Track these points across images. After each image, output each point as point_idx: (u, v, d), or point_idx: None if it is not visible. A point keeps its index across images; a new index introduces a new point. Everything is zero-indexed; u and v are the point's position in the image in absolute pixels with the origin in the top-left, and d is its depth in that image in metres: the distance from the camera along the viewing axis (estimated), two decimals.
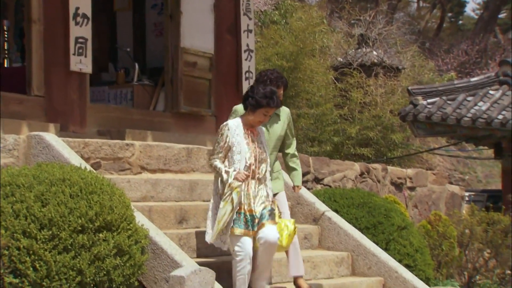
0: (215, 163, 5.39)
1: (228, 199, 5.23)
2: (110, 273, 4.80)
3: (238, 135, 5.32)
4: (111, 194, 5.07)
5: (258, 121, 5.39)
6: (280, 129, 5.85)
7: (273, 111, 5.39)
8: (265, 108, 5.30)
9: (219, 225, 5.25)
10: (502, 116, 12.66)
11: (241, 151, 5.30)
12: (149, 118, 8.18)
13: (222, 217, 5.24)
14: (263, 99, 5.28)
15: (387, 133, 15.18)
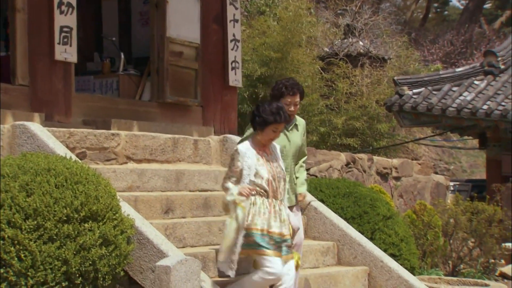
0: (226, 184, 5.28)
1: (234, 216, 5.13)
2: (96, 263, 4.79)
3: (249, 158, 5.22)
4: (97, 184, 5.05)
5: (269, 139, 5.31)
6: (299, 139, 5.84)
7: (281, 126, 5.30)
8: (274, 125, 5.23)
9: (226, 242, 5.15)
10: (487, 106, 12.74)
11: (256, 173, 5.20)
12: (135, 108, 8.15)
13: (228, 234, 5.14)
14: (271, 115, 5.20)
15: (373, 123, 15.22)
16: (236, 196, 5.12)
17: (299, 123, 5.87)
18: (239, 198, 5.12)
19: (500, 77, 13.55)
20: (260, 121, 5.22)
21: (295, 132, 5.81)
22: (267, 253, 5.13)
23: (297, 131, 5.82)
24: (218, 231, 6.26)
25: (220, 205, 5.30)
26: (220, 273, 5.50)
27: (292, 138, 5.76)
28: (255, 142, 5.32)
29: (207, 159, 7.49)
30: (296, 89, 5.69)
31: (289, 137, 5.74)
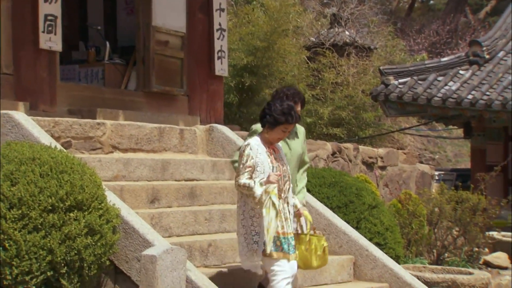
0: (241, 181, 5.08)
1: (269, 205, 4.99)
2: (81, 253, 4.79)
3: (260, 154, 5.12)
4: (82, 173, 5.04)
5: (277, 138, 5.23)
6: (300, 147, 5.71)
7: (292, 127, 5.22)
8: (284, 125, 5.13)
9: (269, 233, 4.98)
10: (472, 96, 12.80)
11: (264, 170, 5.09)
12: (121, 97, 8.12)
13: (269, 224, 4.98)
14: (282, 116, 5.10)
15: (359, 112, 15.25)
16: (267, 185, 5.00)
17: (299, 131, 5.77)
18: (270, 186, 4.99)
19: (485, 67, 13.62)
20: (271, 120, 5.11)
21: (295, 140, 5.70)
22: (274, 256, 5.05)
23: (298, 138, 5.71)
24: (204, 221, 6.28)
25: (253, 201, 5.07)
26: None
27: (293, 146, 5.65)
28: (263, 139, 5.22)
29: (193, 149, 7.49)
30: (297, 98, 5.60)
31: (290, 145, 5.63)
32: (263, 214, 4.99)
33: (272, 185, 5.00)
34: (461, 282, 6.58)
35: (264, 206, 4.99)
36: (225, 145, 7.58)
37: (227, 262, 5.99)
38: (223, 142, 7.59)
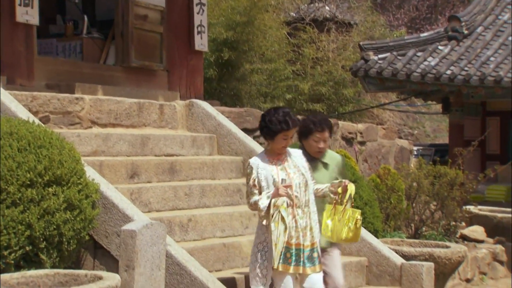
0: (252, 200, 4.92)
1: (278, 219, 4.78)
2: (60, 228, 4.77)
3: (263, 169, 4.93)
4: (61, 148, 5.00)
5: (281, 147, 5.00)
6: (327, 178, 5.31)
7: (292, 132, 4.97)
8: (283, 133, 4.93)
9: (278, 248, 4.77)
10: (451, 72, 12.87)
11: (269, 185, 4.89)
12: (99, 72, 8.04)
13: (278, 239, 4.77)
14: (277, 125, 4.92)
15: (338, 88, 15.28)
16: (275, 199, 4.80)
17: (330, 161, 5.43)
18: (279, 200, 4.79)
19: (464, 42, 13.68)
20: (268, 131, 4.96)
21: (322, 170, 5.37)
22: (280, 268, 4.82)
23: (326, 170, 5.39)
24: (184, 196, 6.28)
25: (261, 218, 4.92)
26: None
27: (317, 177, 5.25)
28: (268, 152, 5.06)
29: (173, 124, 7.46)
30: (324, 125, 5.33)
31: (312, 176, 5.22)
32: (272, 228, 4.78)
33: (281, 198, 4.80)
34: (438, 255, 6.66)
35: (272, 220, 4.78)
36: (205, 120, 7.57)
37: (207, 237, 6.02)
38: (203, 117, 7.58)
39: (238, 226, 6.25)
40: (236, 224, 6.24)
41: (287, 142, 5.00)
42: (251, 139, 7.51)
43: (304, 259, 4.87)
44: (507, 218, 9.30)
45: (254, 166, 4.95)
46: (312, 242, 4.92)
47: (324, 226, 5.11)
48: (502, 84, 12.35)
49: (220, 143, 7.42)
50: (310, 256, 4.89)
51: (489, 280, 8.44)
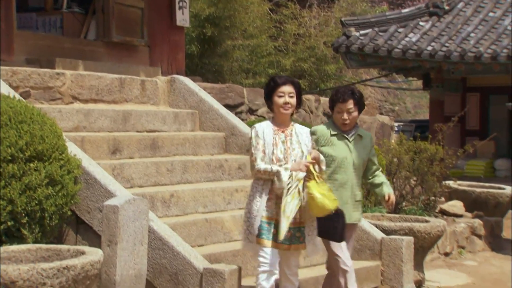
0: (261, 166, 4.75)
1: (295, 192, 4.68)
2: (42, 203, 4.78)
3: (267, 136, 4.81)
4: (42, 123, 4.99)
5: (280, 106, 4.81)
6: (364, 153, 5.28)
7: (286, 88, 4.80)
8: (277, 89, 4.80)
9: (289, 220, 4.67)
10: (431, 48, 12.94)
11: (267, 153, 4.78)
12: (80, 47, 7.99)
13: (291, 213, 4.67)
14: (270, 82, 4.89)
15: (320, 64, 15.32)
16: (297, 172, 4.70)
17: (364, 135, 5.35)
18: (300, 174, 4.69)
19: (444, 18, 13.73)
20: (266, 92, 4.90)
21: (359, 143, 5.27)
22: (265, 244, 4.76)
23: (362, 142, 5.29)
24: (166, 172, 6.29)
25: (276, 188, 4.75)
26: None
27: (354, 150, 5.23)
28: (273, 121, 4.93)
29: (154, 100, 7.45)
30: (346, 96, 5.18)
31: (350, 148, 5.23)
32: (287, 200, 4.65)
33: (302, 173, 4.71)
34: (417, 229, 6.75)
35: (289, 193, 4.67)
36: (187, 96, 7.56)
37: (189, 212, 6.05)
38: (185, 93, 7.57)
39: (220, 202, 6.29)
40: (218, 200, 6.28)
41: (284, 99, 4.79)
42: (233, 115, 7.53)
43: (288, 237, 4.76)
44: (485, 193, 9.42)
45: (260, 130, 4.82)
46: (300, 221, 4.80)
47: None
48: (482, 60, 12.45)
49: (202, 119, 7.43)
50: (293, 235, 4.79)
51: (467, 254, 8.56)
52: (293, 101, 4.83)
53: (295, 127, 4.94)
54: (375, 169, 5.40)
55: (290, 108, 4.83)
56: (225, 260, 5.52)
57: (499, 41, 12.66)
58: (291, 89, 4.82)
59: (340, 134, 5.24)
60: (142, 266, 4.71)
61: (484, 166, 14.71)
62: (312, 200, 4.72)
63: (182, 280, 5.07)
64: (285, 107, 4.82)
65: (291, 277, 4.92)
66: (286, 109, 4.82)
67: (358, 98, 5.22)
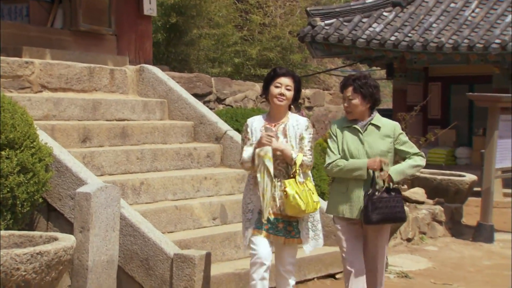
0: (241, 158, 4.71)
1: (263, 170, 4.55)
2: (14, 190, 4.84)
3: (255, 131, 4.68)
4: (13, 112, 5.04)
5: (274, 96, 4.64)
6: (381, 143, 4.78)
7: (285, 80, 4.64)
8: (275, 79, 4.65)
9: (266, 199, 4.57)
10: (395, 38, 13.17)
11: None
12: (47, 35, 7.96)
13: (265, 190, 4.55)
14: (271, 72, 4.75)
15: (286, 53, 15.47)
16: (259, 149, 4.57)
17: (383, 125, 4.84)
18: (262, 150, 4.55)
19: (407, 9, 13.95)
20: (265, 81, 4.73)
21: (375, 133, 4.81)
22: (255, 233, 4.64)
23: (380, 132, 4.81)
24: (136, 160, 6.37)
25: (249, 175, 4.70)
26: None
27: (369, 140, 4.78)
28: (268, 116, 4.79)
29: (123, 89, 7.49)
30: (347, 83, 4.86)
31: (362, 139, 4.79)
32: (258, 179, 4.57)
33: (265, 148, 4.56)
34: None
35: (257, 170, 4.57)
36: (155, 85, 7.62)
37: (159, 199, 6.14)
38: (154, 82, 7.63)
39: (190, 189, 6.39)
40: (188, 187, 6.38)
41: (279, 90, 4.63)
42: (201, 104, 7.62)
43: (279, 229, 4.64)
44: (446, 181, 9.64)
45: (249, 124, 4.74)
46: (288, 214, 4.62)
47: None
48: (443, 50, 12.72)
49: (171, 108, 7.51)
50: (285, 228, 4.65)
51: (428, 239, 8.76)
52: (289, 94, 4.66)
53: (290, 120, 4.73)
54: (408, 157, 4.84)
55: (284, 100, 4.65)
56: (194, 246, 5.63)
57: (460, 32, 12.94)
58: (290, 81, 4.66)
59: (352, 126, 4.83)
60: (114, 252, 4.81)
61: (445, 154, 15.01)
62: (285, 197, 4.56)
63: (153, 265, 5.17)
64: (279, 98, 4.64)
65: (285, 273, 4.73)
66: (280, 100, 4.64)
67: (361, 85, 4.78)
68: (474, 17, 13.17)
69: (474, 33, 12.73)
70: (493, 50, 12.27)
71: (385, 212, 4.71)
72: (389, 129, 4.84)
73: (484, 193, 8.89)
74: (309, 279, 6.21)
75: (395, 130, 4.85)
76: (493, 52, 12.33)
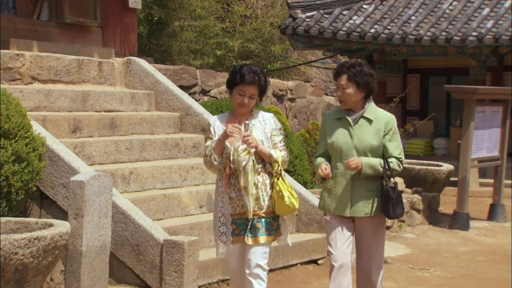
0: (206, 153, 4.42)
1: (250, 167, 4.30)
2: (9, 179, 5.01)
3: (219, 130, 4.41)
4: (7, 103, 5.19)
5: (237, 104, 4.38)
6: (371, 137, 4.48)
7: (250, 89, 4.32)
8: (239, 86, 4.34)
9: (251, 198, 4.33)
10: (374, 30, 13.35)
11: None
12: (34, 27, 8.06)
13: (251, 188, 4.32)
14: (234, 75, 4.39)
15: (267, 45, 15.59)
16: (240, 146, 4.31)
17: (376, 118, 4.52)
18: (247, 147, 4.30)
19: (387, 1, 14.11)
20: (228, 82, 4.45)
21: (367, 127, 4.50)
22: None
23: (373, 125, 4.50)
24: (125, 150, 6.54)
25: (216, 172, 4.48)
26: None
27: (359, 134, 4.49)
28: (232, 113, 4.51)
29: (111, 81, 7.65)
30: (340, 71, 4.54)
31: (351, 132, 4.50)
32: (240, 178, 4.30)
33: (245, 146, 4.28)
34: None
35: (241, 167, 4.30)
36: (143, 77, 7.78)
37: (148, 188, 6.32)
38: (141, 74, 7.79)
39: (177, 178, 6.57)
40: (175, 177, 6.56)
41: (243, 100, 4.36)
42: (187, 96, 7.79)
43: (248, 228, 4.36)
44: (424, 170, 9.82)
45: (212, 124, 4.47)
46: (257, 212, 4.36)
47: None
48: (422, 42, 12.92)
49: (158, 99, 7.67)
50: (253, 226, 4.36)
51: (406, 227, 8.92)
52: (253, 102, 4.40)
53: (255, 117, 4.46)
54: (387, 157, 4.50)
55: (246, 107, 4.39)
56: (182, 233, 5.82)
57: (438, 24, 13.15)
58: (254, 91, 4.36)
59: (344, 117, 4.54)
60: (106, 237, 4.98)
61: (423, 145, 15.27)
62: (280, 199, 4.33)
63: (143, 251, 5.37)
64: (242, 106, 4.38)
65: (249, 277, 4.37)
66: (243, 108, 4.39)
67: (355, 73, 4.47)
68: (452, 10, 13.39)
69: (451, 25, 12.96)
70: (470, 42, 12.51)
71: (404, 206, 4.53)
72: (382, 122, 4.51)
73: (460, 182, 9.07)
74: (292, 265, 6.41)
75: (387, 123, 4.52)
76: (470, 45, 12.57)
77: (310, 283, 5.99)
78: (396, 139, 4.55)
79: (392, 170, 4.50)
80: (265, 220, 4.38)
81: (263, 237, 4.37)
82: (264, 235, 4.37)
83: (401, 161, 4.55)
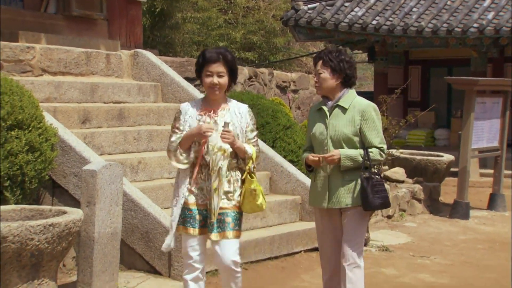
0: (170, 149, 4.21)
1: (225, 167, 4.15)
2: (23, 168, 5.16)
3: (191, 118, 4.19)
4: (21, 95, 5.34)
5: (208, 87, 4.16)
6: (344, 126, 4.29)
7: (215, 67, 4.11)
8: (205, 68, 4.13)
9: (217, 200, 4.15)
10: (376, 22, 13.44)
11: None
12: (41, 20, 8.18)
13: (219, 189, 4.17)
14: (199, 57, 4.20)
15: (269, 37, 15.69)
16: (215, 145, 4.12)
17: (351, 106, 4.33)
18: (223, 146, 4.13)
19: None
20: (196, 67, 4.24)
21: (341, 116, 4.32)
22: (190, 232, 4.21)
23: (347, 115, 4.31)
24: (133, 140, 6.69)
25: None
26: None
27: (334, 124, 4.32)
28: (204, 100, 4.28)
29: (119, 73, 7.78)
30: (317, 57, 4.41)
31: (327, 122, 4.33)
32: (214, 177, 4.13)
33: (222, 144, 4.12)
34: None
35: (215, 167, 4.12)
36: (149, 69, 7.91)
37: (156, 177, 6.46)
38: (148, 66, 7.92)
39: None
40: None
41: (212, 80, 4.13)
42: (193, 88, 7.92)
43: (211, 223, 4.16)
44: (424, 161, 9.92)
45: (183, 111, 4.21)
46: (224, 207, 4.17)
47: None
48: (423, 34, 13.02)
49: (164, 91, 7.81)
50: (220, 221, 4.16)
51: (408, 216, 9.03)
52: (223, 81, 4.15)
53: (229, 106, 4.25)
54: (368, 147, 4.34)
55: (218, 89, 4.16)
56: None
57: (439, 16, 13.24)
58: (221, 68, 4.13)
59: (322, 108, 4.41)
60: (117, 225, 5.14)
61: (425, 136, 15.37)
62: (252, 197, 4.20)
63: (152, 238, 5.52)
64: (213, 88, 4.15)
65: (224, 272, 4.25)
66: (214, 90, 4.16)
67: (331, 58, 4.34)
68: (453, 1, 13.48)
69: (453, 17, 13.05)
70: (471, 34, 12.60)
71: (384, 196, 4.32)
72: (358, 111, 4.32)
73: (460, 172, 9.19)
74: (296, 252, 6.56)
75: (363, 112, 4.32)
76: (471, 36, 12.67)
77: (313, 269, 6.14)
78: (375, 128, 4.34)
79: (373, 160, 4.31)
80: (234, 215, 4.20)
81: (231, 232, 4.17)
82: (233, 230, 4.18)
83: (382, 150, 4.36)
